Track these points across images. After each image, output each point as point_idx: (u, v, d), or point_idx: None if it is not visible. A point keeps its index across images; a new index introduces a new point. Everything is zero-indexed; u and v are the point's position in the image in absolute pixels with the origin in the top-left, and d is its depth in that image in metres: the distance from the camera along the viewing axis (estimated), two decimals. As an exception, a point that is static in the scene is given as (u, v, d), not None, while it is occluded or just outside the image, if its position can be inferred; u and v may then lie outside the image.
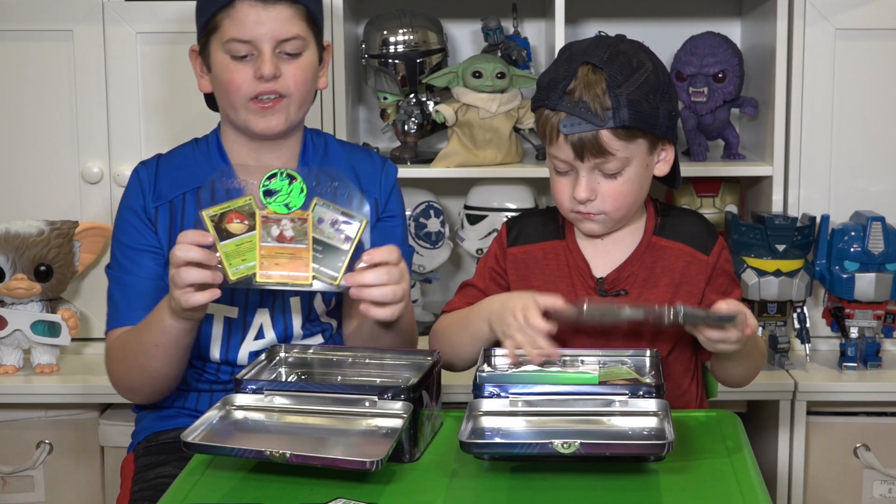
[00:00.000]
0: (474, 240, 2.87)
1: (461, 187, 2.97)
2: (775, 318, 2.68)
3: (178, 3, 2.71)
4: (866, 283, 2.65)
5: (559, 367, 1.80)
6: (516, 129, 2.84)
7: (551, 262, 1.95)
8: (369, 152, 2.21)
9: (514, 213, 2.77)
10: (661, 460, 1.62)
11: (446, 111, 2.79)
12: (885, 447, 2.68)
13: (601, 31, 1.96)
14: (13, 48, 2.73)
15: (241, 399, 1.72)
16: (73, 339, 2.70)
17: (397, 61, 2.86)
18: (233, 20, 1.98)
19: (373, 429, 1.67)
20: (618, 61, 1.83)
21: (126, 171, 2.73)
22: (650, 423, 1.67)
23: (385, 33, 2.86)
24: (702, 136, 2.86)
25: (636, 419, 1.67)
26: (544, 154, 2.85)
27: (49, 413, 2.71)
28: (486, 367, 1.82)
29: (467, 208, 2.90)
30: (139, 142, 2.75)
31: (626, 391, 1.69)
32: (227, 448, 1.62)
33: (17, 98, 2.76)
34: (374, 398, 1.68)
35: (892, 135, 2.77)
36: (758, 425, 2.76)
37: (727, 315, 1.77)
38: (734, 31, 3.03)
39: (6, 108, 2.76)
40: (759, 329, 2.65)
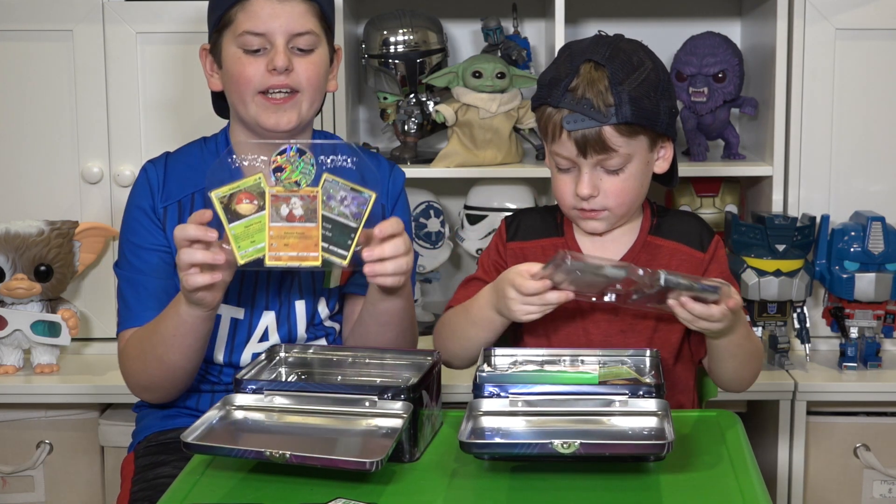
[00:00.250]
0: (474, 240, 2.87)
1: (461, 187, 2.97)
2: (775, 318, 2.67)
3: (178, 3, 2.71)
4: (866, 283, 2.65)
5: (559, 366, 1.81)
6: (516, 129, 2.84)
7: (550, 258, 1.95)
8: (377, 157, 2.20)
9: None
10: (661, 460, 1.62)
11: (446, 111, 2.79)
12: (885, 447, 2.68)
13: (601, 31, 1.96)
14: (13, 48, 2.73)
15: (241, 399, 1.72)
16: (73, 339, 2.69)
17: (397, 61, 2.86)
18: (247, 13, 1.98)
19: (373, 429, 1.66)
20: (619, 59, 1.85)
21: (126, 171, 2.73)
22: (650, 423, 1.66)
23: (385, 33, 2.87)
24: (702, 136, 2.86)
25: (636, 419, 1.67)
26: (544, 154, 2.87)
27: (49, 413, 2.71)
28: (486, 367, 1.82)
29: (467, 208, 2.90)
30: (139, 142, 2.75)
31: (626, 391, 1.69)
32: (226, 448, 1.61)
33: (17, 98, 2.75)
34: (374, 398, 1.68)
35: (892, 135, 2.77)
36: (758, 425, 2.76)
37: (710, 285, 1.75)
38: (734, 31, 3.03)
39: (6, 108, 2.76)
40: (759, 330, 2.67)
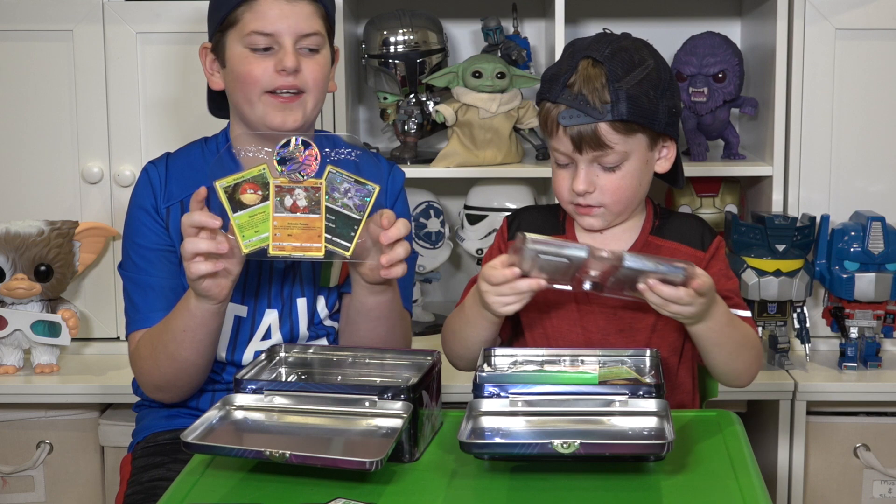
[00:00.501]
0: (474, 240, 2.87)
1: (461, 187, 2.97)
2: (775, 318, 2.67)
3: (178, 3, 2.71)
4: (866, 283, 2.65)
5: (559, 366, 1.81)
6: (516, 129, 2.84)
7: None
8: (377, 157, 2.20)
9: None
10: (661, 460, 1.62)
11: (446, 111, 2.79)
12: (885, 447, 2.68)
13: (605, 28, 1.97)
14: (13, 48, 2.73)
15: (241, 399, 1.72)
16: (73, 339, 2.69)
17: (397, 61, 2.86)
18: (255, 13, 1.98)
19: (373, 429, 1.66)
20: (619, 57, 1.85)
21: (126, 171, 2.73)
22: (650, 422, 1.66)
23: (385, 33, 2.86)
24: (702, 136, 2.86)
25: (636, 419, 1.67)
26: (544, 154, 2.87)
27: (49, 413, 2.71)
28: (486, 367, 1.82)
29: (467, 208, 2.90)
30: (139, 142, 2.75)
31: (626, 391, 1.69)
32: (226, 448, 1.61)
33: (18, 98, 2.75)
34: (374, 398, 1.68)
35: (892, 135, 2.77)
36: (758, 425, 2.76)
37: (675, 266, 1.73)
38: (734, 31, 3.03)
39: (6, 108, 2.76)
40: (759, 330, 2.67)
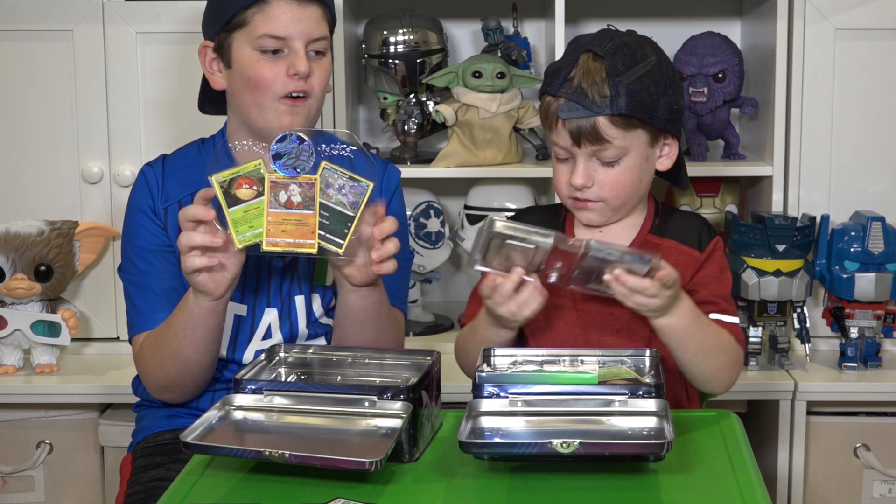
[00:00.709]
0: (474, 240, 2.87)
1: (461, 187, 2.97)
2: (775, 318, 2.67)
3: (178, 3, 2.71)
4: (866, 283, 2.65)
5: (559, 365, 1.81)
6: (516, 129, 2.84)
7: (551, 257, 1.94)
8: (372, 154, 2.20)
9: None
10: (661, 460, 1.62)
11: (446, 111, 2.79)
12: (885, 447, 2.68)
13: (610, 25, 1.96)
14: (13, 48, 2.73)
15: (241, 399, 1.72)
16: (73, 339, 2.69)
17: (397, 61, 2.86)
18: (266, 16, 1.98)
19: (372, 429, 1.66)
20: (621, 52, 1.85)
21: (126, 171, 2.73)
22: (650, 422, 1.66)
23: (385, 33, 2.86)
24: (702, 136, 2.86)
25: (636, 419, 1.67)
26: (544, 154, 2.87)
27: (49, 413, 2.71)
28: (486, 367, 1.82)
29: (467, 208, 2.90)
30: (139, 142, 2.75)
31: (625, 391, 1.69)
32: (226, 448, 1.61)
33: (18, 98, 2.75)
34: (374, 398, 1.68)
35: (892, 135, 2.77)
36: (758, 425, 2.76)
37: (640, 256, 1.73)
38: (734, 31, 3.03)
39: (6, 108, 2.76)
40: (759, 330, 2.67)
